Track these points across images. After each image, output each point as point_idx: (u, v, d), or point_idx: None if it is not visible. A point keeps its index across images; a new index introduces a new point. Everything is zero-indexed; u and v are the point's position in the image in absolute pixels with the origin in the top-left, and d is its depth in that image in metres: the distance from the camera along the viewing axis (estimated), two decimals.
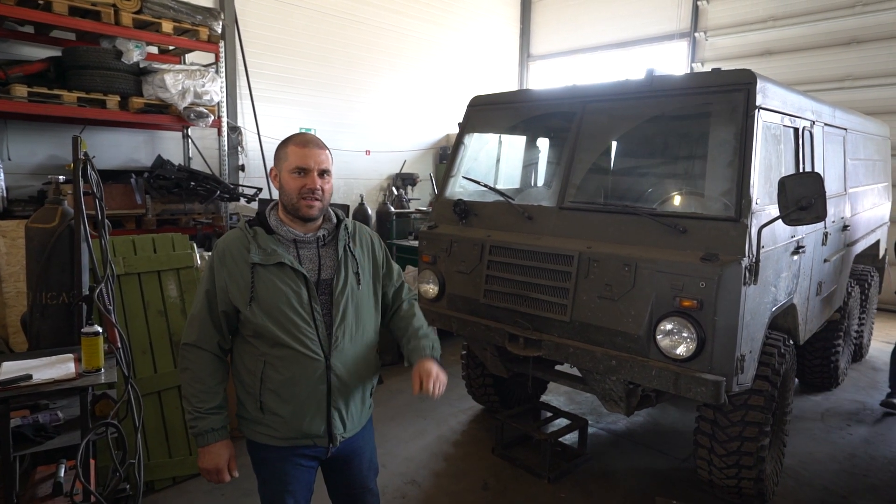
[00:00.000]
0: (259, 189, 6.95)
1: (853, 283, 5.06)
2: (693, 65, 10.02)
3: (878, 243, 5.75)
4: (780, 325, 3.50)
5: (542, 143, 4.63)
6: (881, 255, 6.01)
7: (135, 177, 5.88)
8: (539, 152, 4.62)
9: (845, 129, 4.52)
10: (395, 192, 9.18)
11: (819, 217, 2.62)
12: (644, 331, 2.82)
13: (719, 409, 3.06)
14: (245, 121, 8.19)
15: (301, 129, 8.32)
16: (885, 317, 7.83)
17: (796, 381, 4.28)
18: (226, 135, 6.98)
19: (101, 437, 2.49)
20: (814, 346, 4.84)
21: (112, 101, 5.51)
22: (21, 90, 5.06)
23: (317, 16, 8.98)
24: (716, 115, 3.01)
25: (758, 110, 2.82)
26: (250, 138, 8.21)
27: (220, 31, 6.37)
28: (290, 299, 1.87)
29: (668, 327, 2.75)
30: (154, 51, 6.65)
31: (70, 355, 2.63)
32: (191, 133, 7.29)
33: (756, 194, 2.77)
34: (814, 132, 3.68)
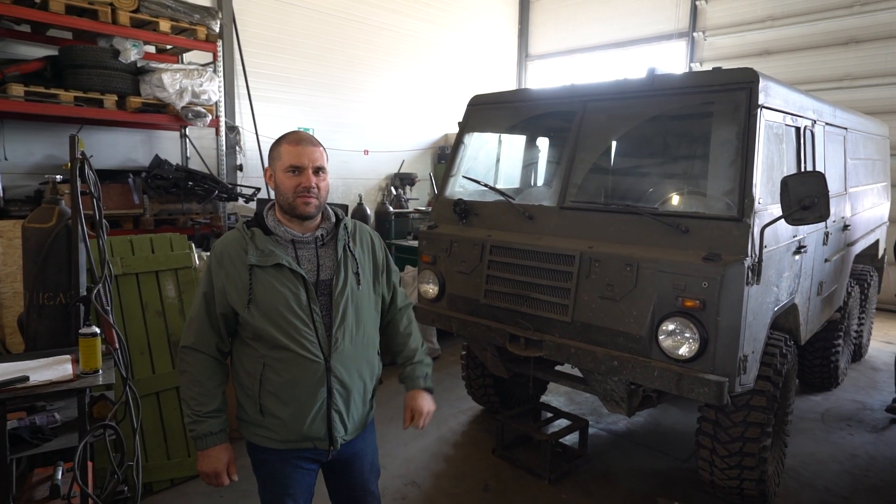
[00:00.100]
0: (257, 189, 6.92)
1: (853, 283, 5.06)
2: (691, 65, 10.02)
3: (877, 243, 5.76)
4: (782, 325, 3.49)
5: (542, 143, 4.61)
6: (880, 255, 6.02)
7: (132, 177, 5.85)
8: (539, 152, 4.60)
9: (846, 129, 4.51)
10: (394, 192, 9.16)
11: (822, 217, 2.61)
12: (646, 331, 2.81)
13: (721, 409, 3.05)
14: (243, 120, 8.15)
15: (299, 128, 8.29)
16: (884, 317, 7.83)
17: (796, 381, 4.27)
18: (224, 134, 6.95)
19: (99, 439, 2.46)
20: (814, 346, 4.84)
21: (109, 100, 5.48)
22: (17, 89, 5.03)
23: (315, 15, 8.95)
24: (718, 115, 2.99)
25: (760, 109, 2.80)
26: (248, 138, 8.18)
27: (217, 30, 6.34)
28: (288, 301, 1.84)
29: (671, 327, 2.73)
30: (151, 50, 6.61)
31: (67, 356, 2.60)
32: (188, 133, 7.25)
33: (758, 194, 2.76)
34: (815, 131, 3.67)
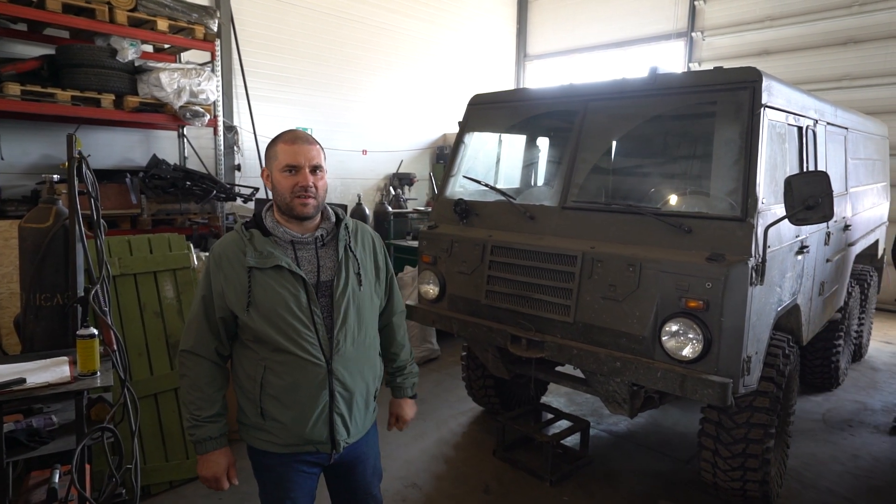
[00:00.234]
0: (256, 189, 6.89)
1: (853, 283, 5.05)
2: (690, 64, 10.01)
3: (877, 243, 5.75)
4: (784, 325, 3.47)
5: (543, 143, 4.59)
6: (880, 255, 6.01)
7: (130, 176, 5.81)
8: (539, 151, 4.58)
9: (846, 129, 4.50)
10: (393, 192, 9.13)
11: (826, 217, 2.59)
12: (649, 332, 2.79)
13: (724, 411, 3.03)
14: (241, 120, 8.12)
15: (297, 128, 8.25)
16: (884, 317, 7.83)
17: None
18: (222, 134, 6.92)
19: (97, 441, 2.44)
20: (815, 347, 4.83)
21: (107, 99, 5.44)
22: (14, 88, 4.99)
23: (313, 14, 8.92)
24: (720, 114, 2.98)
25: (763, 109, 2.79)
26: (246, 138, 8.14)
27: (216, 29, 6.31)
28: (288, 303, 1.81)
29: (674, 328, 2.72)
30: (149, 49, 6.57)
31: (65, 358, 2.57)
32: (186, 132, 7.22)
33: (762, 194, 2.75)
34: (817, 131, 3.66)
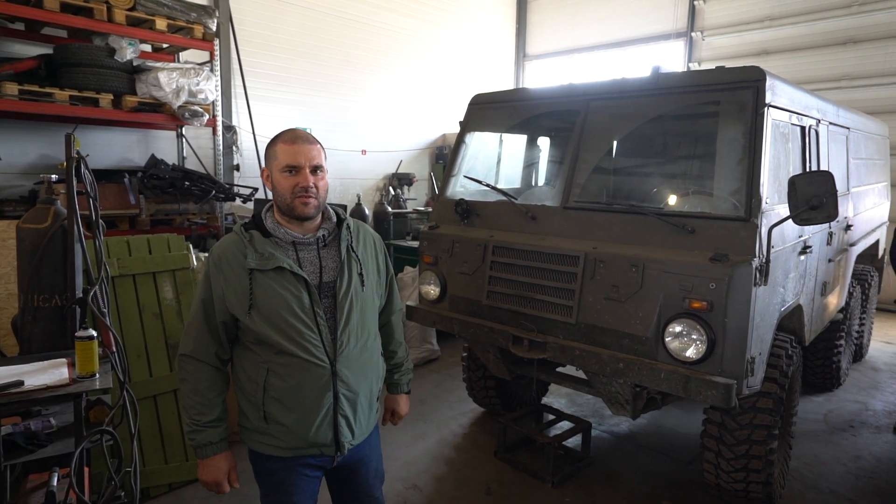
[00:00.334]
0: (255, 189, 6.86)
1: (854, 283, 5.04)
2: (690, 64, 10.00)
3: (877, 243, 5.74)
4: (786, 326, 3.46)
5: (544, 142, 4.57)
6: (880, 255, 6.01)
7: (128, 176, 5.78)
8: (540, 151, 4.56)
9: (848, 129, 4.49)
10: (393, 193, 9.11)
11: (831, 217, 2.58)
12: (652, 333, 2.77)
13: (727, 412, 3.01)
14: (240, 120, 8.09)
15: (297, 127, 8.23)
16: (884, 317, 7.83)
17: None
18: (221, 134, 6.89)
19: (96, 444, 2.41)
20: (816, 347, 4.81)
21: (105, 99, 5.41)
22: (11, 88, 4.96)
23: (311, 14, 8.90)
24: (724, 113, 2.96)
25: (767, 108, 2.77)
26: (245, 137, 8.10)
27: (214, 28, 6.28)
28: (290, 305, 1.79)
29: (678, 329, 2.70)
30: (148, 49, 6.54)
31: (63, 360, 2.55)
32: (185, 132, 7.19)
33: (766, 193, 2.73)
34: (819, 131, 3.65)
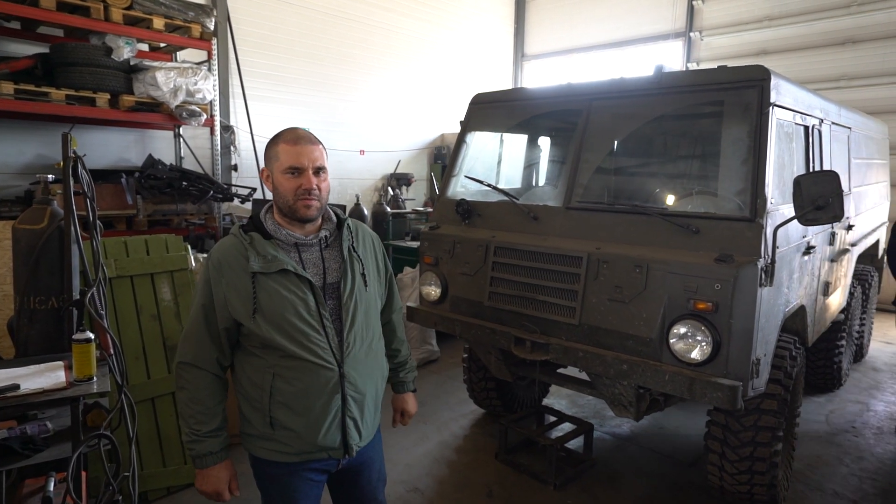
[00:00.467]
0: (253, 189, 6.82)
1: (855, 283, 5.03)
2: (688, 65, 9.99)
3: (877, 243, 5.74)
4: (790, 326, 3.44)
5: (545, 142, 4.55)
6: (880, 255, 6.00)
7: (125, 177, 5.74)
8: (541, 151, 4.54)
9: (850, 128, 4.48)
10: (391, 193, 9.08)
11: (836, 217, 2.56)
12: (656, 334, 2.74)
13: (731, 414, 2.99)
14: (238, 120, 8.05)
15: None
16: (884, 317, 7.82)
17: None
18: (218, 134, 6.85)
19: (94, 448, 2.37)
20: (817, 347, 4.80)
21: (102, 99, 5.37)
22: (7, 87, 4.92)
23: (309, 13, 8.87)
24: (728, 113, 2.94)
25: (772, 107, 2.75)
26: (243, 137, 8.07)
27: (212, 28, 6.24)
28: (296, 307, 1.75)
29: (682, 330, 2.67)
30: (145, 48, 6.50)
31: (60, 363, 2.51)
32: (182, 132, 7.14)
33: (771, 193, 2.71)
34: (822, 130, 3.63)
